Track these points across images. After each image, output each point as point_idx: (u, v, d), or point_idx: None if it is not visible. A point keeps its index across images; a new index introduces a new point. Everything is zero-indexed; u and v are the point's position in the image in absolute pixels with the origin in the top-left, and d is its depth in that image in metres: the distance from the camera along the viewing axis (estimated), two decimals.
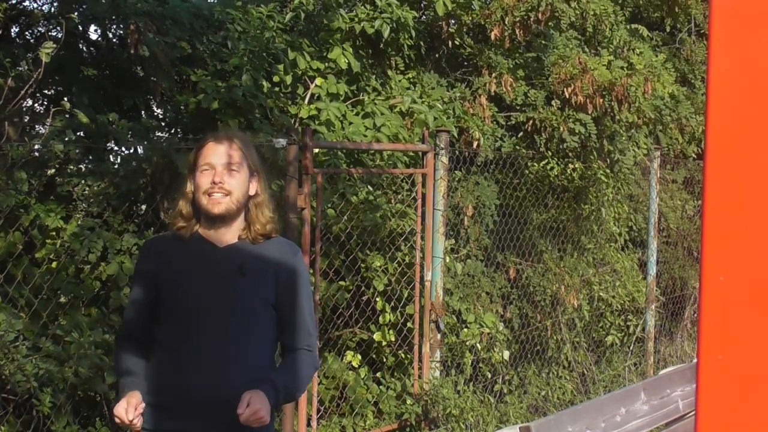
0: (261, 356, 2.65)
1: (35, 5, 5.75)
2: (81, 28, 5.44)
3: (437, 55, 6.69)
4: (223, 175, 2.57)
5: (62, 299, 4.33)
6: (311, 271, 4.68)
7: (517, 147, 6.50)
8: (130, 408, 2.42)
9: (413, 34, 5.99)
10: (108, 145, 4.75)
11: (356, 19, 5.77)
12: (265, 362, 2.66)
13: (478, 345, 5.72)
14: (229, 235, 2.63)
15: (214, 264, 2.60)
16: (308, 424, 4.77)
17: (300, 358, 2.69)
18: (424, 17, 6.67)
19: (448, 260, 5.63)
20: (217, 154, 2.59)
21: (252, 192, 2.65)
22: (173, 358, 2.58)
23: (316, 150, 4.99)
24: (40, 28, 5.36)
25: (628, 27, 7.47)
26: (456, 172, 6.02)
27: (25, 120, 4.87)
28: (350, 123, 5.50)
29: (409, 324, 5.43)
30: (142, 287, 2.67)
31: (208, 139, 2.66)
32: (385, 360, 5.56)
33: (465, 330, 5.71)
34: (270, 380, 2.54)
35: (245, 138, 2.80)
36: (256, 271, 2.61)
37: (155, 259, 2.66)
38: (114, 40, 5.64)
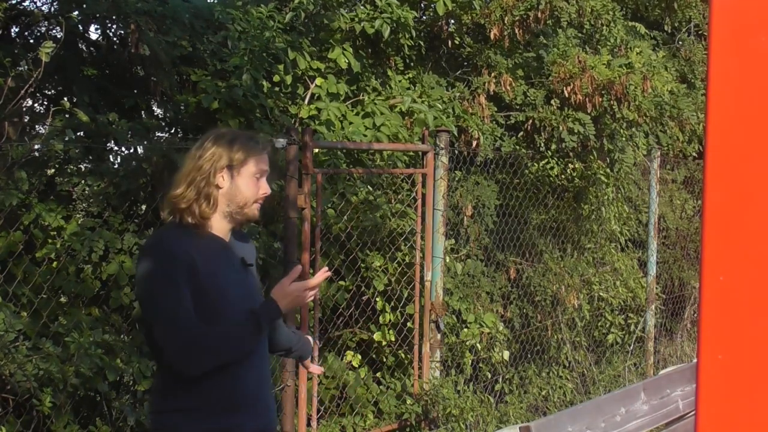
0: None
1: (35, 5, 5.74)
2: (81, 28, 5.44)
3: (437, 55, 6.69)
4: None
5: (63, 299, 4.33)
6: (311, 270, 4.68)
7: (517, 146, 6.49)
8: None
9: (413, 34, 5.98)
10: (108, 144, 4.76)
11: (356, 19, 5.77)
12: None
13: (478, 345, 5.72)
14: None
15: (232, 258, 2.60)
16: (308, 424, 4.77)
17: None
18: (424, 17, 6.67)
19: (448, 260, 5.63)
20: (266, 163, 2.62)
21: None
22: None
23: (316, 150, 4.99)
24: (40, 28, 5.36)
25: (626, 24, 7.45)
26: (456, 171, 6.02)
27: (25, 120, 4.86)
28: (350, 123, 5.50)
29: (409, 324, 5.43)
30: (185, 279, 2.43)
31: (260, 145, 2.61)
32: (385, 360, 5.55)
33: (465, 330, 5.70)
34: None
35: None
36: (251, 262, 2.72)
37: (187, 251, 2.46)
38: (114, 39, 5.64)
